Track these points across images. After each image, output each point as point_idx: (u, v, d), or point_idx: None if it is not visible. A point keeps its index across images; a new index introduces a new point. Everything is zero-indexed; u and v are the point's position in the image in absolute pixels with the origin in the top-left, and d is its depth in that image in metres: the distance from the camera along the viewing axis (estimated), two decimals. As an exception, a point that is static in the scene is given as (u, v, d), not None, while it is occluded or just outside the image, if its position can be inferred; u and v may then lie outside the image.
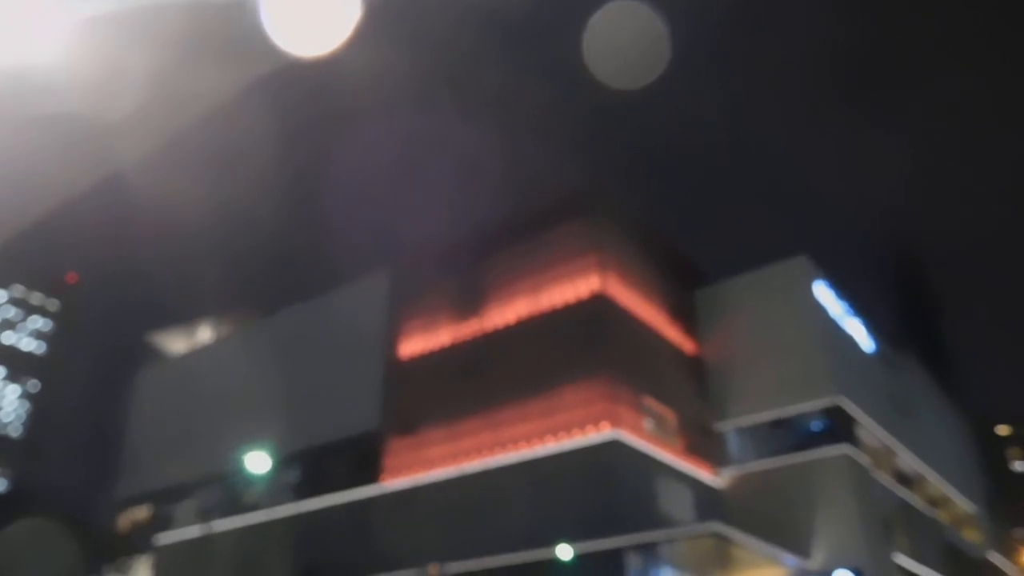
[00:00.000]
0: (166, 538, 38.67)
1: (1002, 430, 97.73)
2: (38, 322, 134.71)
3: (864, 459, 32.50)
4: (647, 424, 29.87)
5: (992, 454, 76.77)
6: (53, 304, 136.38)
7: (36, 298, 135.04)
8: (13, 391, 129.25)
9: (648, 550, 24.79)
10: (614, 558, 24.42)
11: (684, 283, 36.18)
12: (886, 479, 34.96)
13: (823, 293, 35.08)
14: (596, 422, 27.82)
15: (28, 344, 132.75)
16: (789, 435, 33.16)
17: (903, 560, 32.55)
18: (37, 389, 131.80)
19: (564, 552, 23.68)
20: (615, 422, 27.79)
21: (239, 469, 20.53)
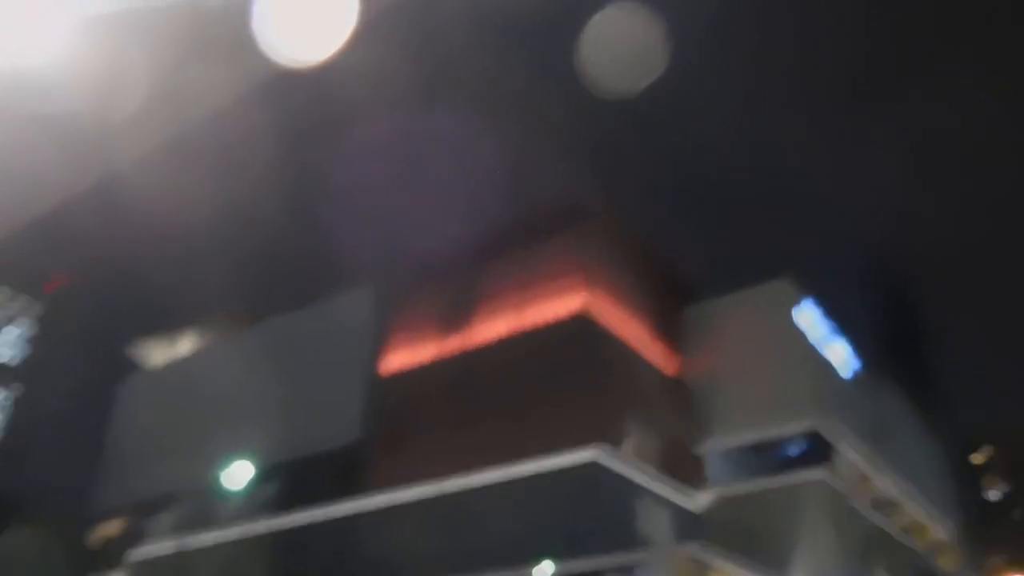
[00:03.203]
0: (143, 552, 38.09)
1: (978, 458, 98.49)
2: (20, 327, 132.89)
3: (842, 484, 32.67)
4: (629, 444, 29.89)
5: (969, 481, 77.29)
6: (37, 309, 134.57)
7: (20, 302, 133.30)
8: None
9: (627, 571, 24.76)
10: (593, 578, 24.38)
11: (670, 300, 36.31)
12: (864, 504, 35.12)
13: (805, 317, 35.34)
14: (578, 442, 27.79)
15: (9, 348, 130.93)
16: (769, 458, 33.31)
17: (879, 585, 32.68)
18: (17, 395, 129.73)
19: (544, 570, 23.60)
20: (597, 442, 27.79)
21: (219, 481, 20.35)
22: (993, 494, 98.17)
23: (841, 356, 38.29)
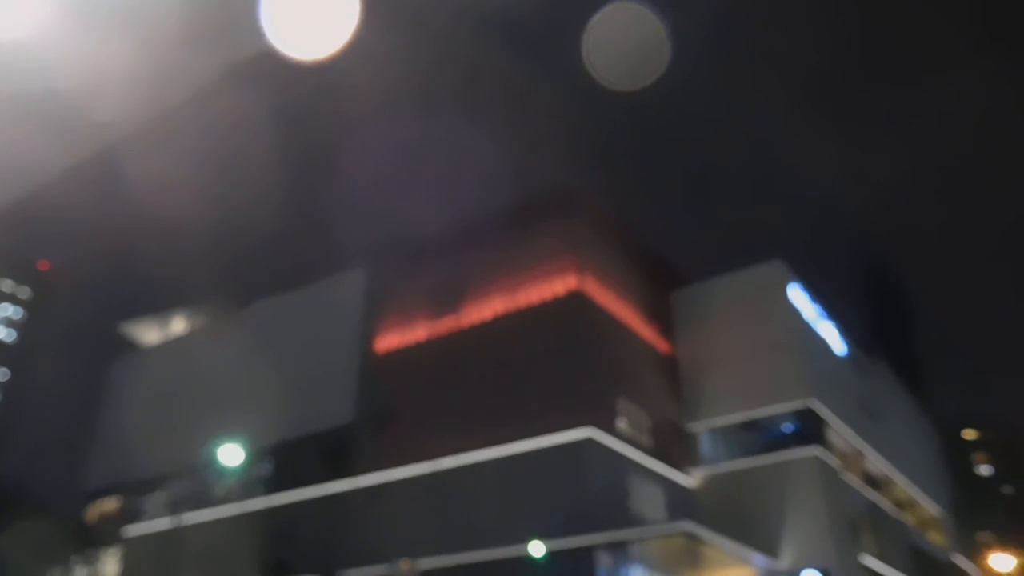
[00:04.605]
0: (135, 530, 38.32)
1: (968, 434, 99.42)
2: (8, 310, 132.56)
3: (834, 461, 32.92)
4: (621, 423, 30.04)
5: (958, 458, 78.08)
6: (24, 292, 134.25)
7: (7, 285, 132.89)
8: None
9: (619, 549, 24.96)
10: (585, 556, 24.57)
11: (661, 284, 36.43)
12: (855, 481, 35.43)
13: (797, 297, 35.48)
14: (570, 420, 27.90)
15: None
16: (761, 436, 33.53)
17: (870, 561, 33.01)
18: (7, 378, 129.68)
19: (536, 549, 23.78)
20: (589, 421, 27.91)
21: (212, 461, 20.40)
22: (985, 469, 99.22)
23: (833, 334, 38.50)
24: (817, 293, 37.47)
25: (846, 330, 40.00)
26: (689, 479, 32.95)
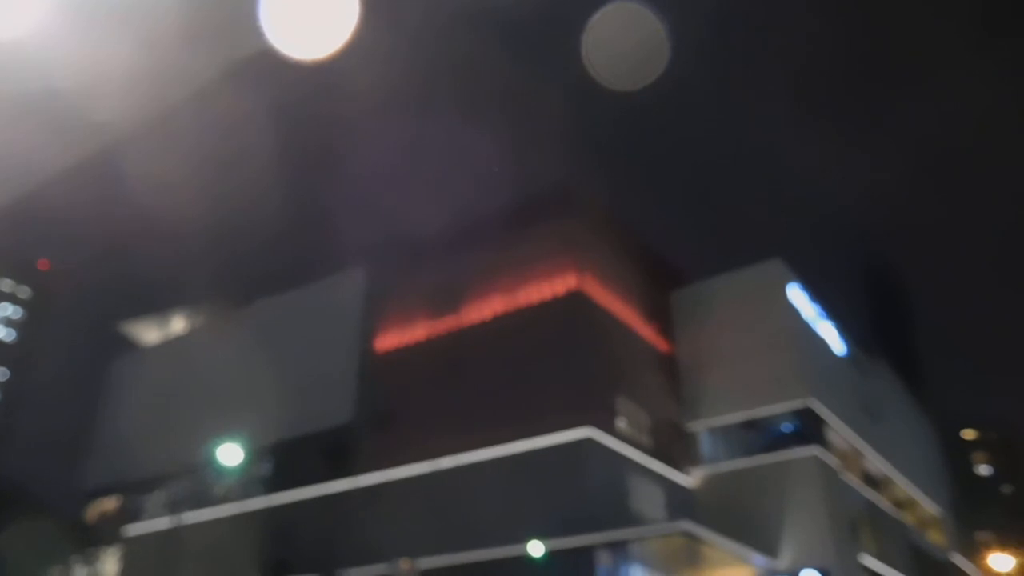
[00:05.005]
0: (135, 529, 38.32)
1: (968, 434, 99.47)
2: (8, 310, 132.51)
3: (833, 461, 32.93)
4: (620, 423, 30.05)
5: (958, 458, 78.14)
6: (24, 291, 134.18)
7: (6, 285, 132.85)
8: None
9: (619, 548, 24.98)
10: (585, 555, 24.59)
11: (660, 284, 36.44)
12: (854, 481, 35.43)
13: (797, 296, 35.49)
14: (570, 420, 27.91)
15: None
16: (760, 436, 33.55)
17: (869, 561, 33.02)
18: (6, 377, 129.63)
19: (535, 549, 23.79)
20: (589, 420, 27.92)
21: (212, 461, 20.43)
22: (984, 469, 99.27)
23: (833, 334, 38.50)
24: (817, 293, 37.50)
25: (846, 330, 40.01)
26: (689, 479, 32.95)
